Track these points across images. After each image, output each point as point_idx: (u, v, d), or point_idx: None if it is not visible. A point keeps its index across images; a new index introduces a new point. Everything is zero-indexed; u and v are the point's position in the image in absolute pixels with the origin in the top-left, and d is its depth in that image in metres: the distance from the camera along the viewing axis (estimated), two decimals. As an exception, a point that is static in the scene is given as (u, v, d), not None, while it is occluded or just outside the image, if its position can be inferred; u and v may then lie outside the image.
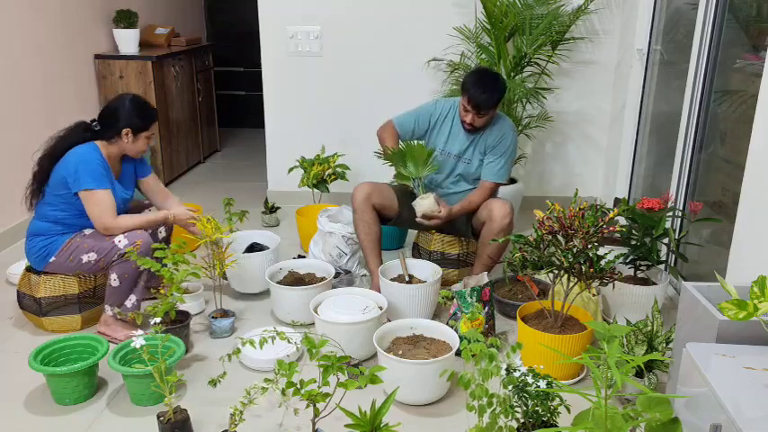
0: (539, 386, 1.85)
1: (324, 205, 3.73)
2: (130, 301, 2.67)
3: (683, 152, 3.07)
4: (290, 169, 3.94)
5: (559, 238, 2.31)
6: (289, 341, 2.04)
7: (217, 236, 2.72)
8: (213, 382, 2.02)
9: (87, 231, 2.64)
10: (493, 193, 3.03)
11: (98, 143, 2.63)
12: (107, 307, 2.66)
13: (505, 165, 3.00)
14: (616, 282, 2.40)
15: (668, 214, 2.74)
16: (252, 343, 2.02)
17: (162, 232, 2.86)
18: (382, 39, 4.09)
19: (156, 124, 2.77)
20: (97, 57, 4.51)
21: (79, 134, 2.64)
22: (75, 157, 2.57)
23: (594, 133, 4.24)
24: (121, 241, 2.57)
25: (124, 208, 2.74)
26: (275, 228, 4.06)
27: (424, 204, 2.86)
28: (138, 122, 2.65)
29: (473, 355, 1.74)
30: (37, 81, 3.85)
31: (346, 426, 1.67)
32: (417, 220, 2.91)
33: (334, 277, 2.98)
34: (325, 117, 4.27)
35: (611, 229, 2.28)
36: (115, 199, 2.62)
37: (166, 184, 4.86)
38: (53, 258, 2.62)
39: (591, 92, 4.14)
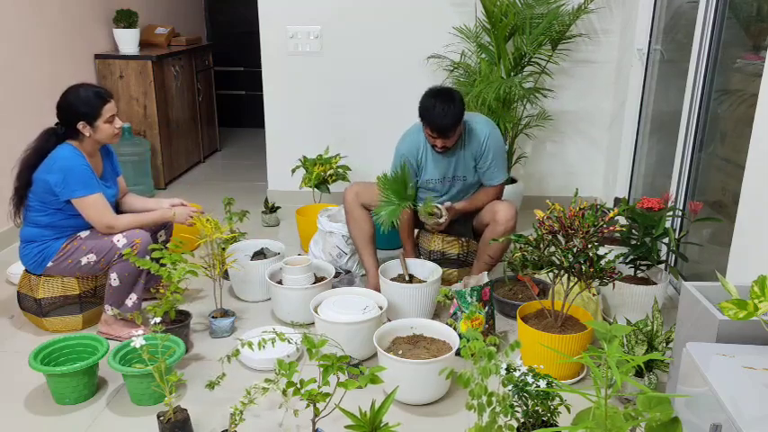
0: (539, 386, 1.85)
1: (324, 205, 3.73)
2: (131, 299, 2.66)
3: (683, 152, 3.06)
4: (294, 169, 3.93)
5: (559, 237, 2.31)
6: (288, 342, 2.04)
7: (216, 236, 2.72)
8: (211, 385, 2.01)
9: (83, 234, 2.61)
10: (498, 194, 3.03)
11: (73, 143, 2.57)
12: (107, 307, 2.65)
13: (501, 164, 2.98)
14: (616, 282, 2.40)
15: (668, 214, 2.74)
16: (250, 345, 2.02)
17: (162, 236, 2.86)
18: (382, 39, 4.09)
19: (110, 105, 2.57)
20: (97, 56, 4.51)
21: (50, 140, 2.58)
22: (60, 165, 2.50)
23: (594, 133, 4.24)
24: (120, 241, 2.56)
25: (112, 205, 2.70)
26: (275, 227, 4.06)
27: (427, 220, 2.89)
28: (86, 111, 2.53)
29: (472, 354, 1.74)
30: (37, 81, 3.85)
31: (346, 426, 1.67)
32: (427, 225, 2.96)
33: (334, 277, 2.98)
34: (325, 117, 4.27)
35: (611, 228, 2.28)
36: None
37: (166, 184, 4.87)
38: (50, 263, 2.61)
39: (591, 91, 4.14)
